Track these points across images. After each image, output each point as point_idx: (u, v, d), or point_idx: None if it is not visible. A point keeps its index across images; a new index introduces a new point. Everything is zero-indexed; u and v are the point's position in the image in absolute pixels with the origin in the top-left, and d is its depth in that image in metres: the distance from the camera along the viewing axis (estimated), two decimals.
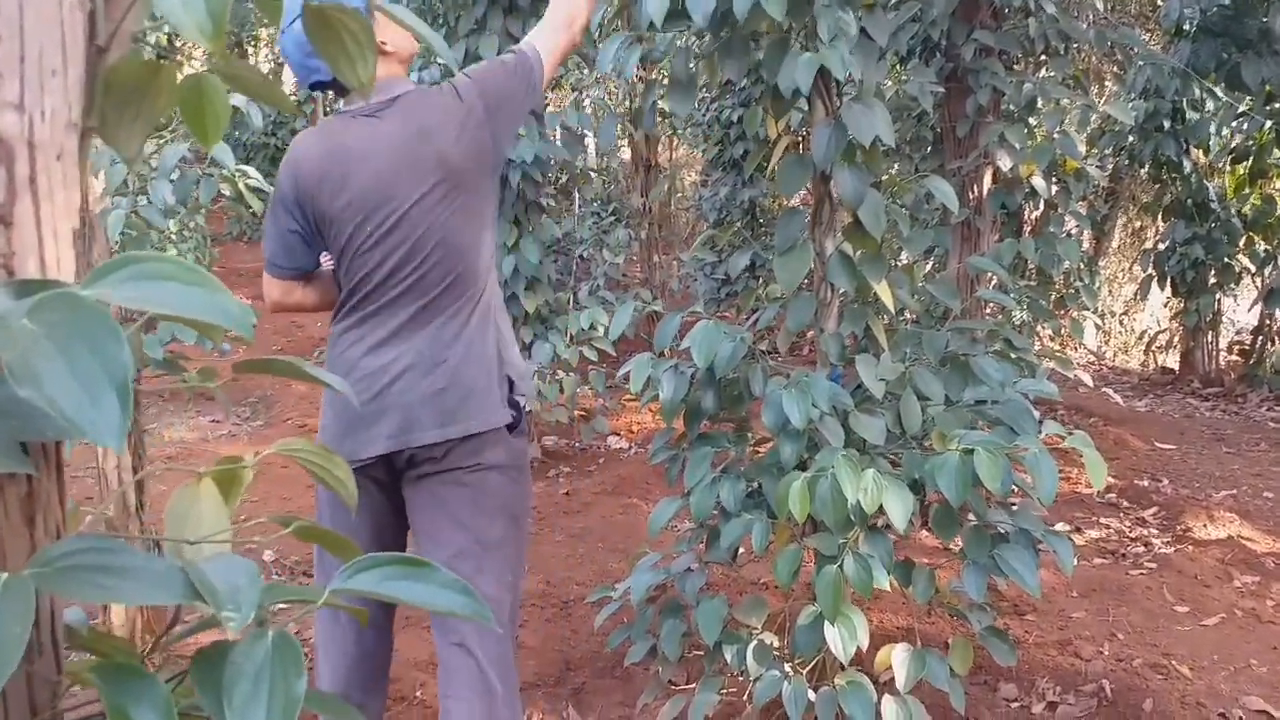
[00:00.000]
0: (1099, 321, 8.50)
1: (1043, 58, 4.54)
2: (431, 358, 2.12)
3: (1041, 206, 5.31)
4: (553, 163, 4.96)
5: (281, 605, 0.92)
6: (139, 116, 0.97)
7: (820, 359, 2.72)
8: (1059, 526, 4.67)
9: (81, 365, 0.72)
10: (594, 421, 5.18)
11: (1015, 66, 4.58)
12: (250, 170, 2.96)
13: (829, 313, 2.70)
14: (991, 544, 2.56)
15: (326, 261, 2.29)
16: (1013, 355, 2.92)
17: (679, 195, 13.93)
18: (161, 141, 2.84)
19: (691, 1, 2.22)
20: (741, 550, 2.54)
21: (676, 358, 2.64)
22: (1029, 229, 6.22)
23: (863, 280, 2.62)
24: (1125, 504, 4.99)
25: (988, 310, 4.29)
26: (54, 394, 0.70)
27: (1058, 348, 7.67)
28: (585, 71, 6.97)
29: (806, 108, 2.61)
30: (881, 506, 2.27)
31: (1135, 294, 7.21)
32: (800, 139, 2.76)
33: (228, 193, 3.00)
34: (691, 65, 2.48)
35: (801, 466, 2.51)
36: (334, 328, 2.23)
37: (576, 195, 7.46)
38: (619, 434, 5.68)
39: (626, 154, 9.38)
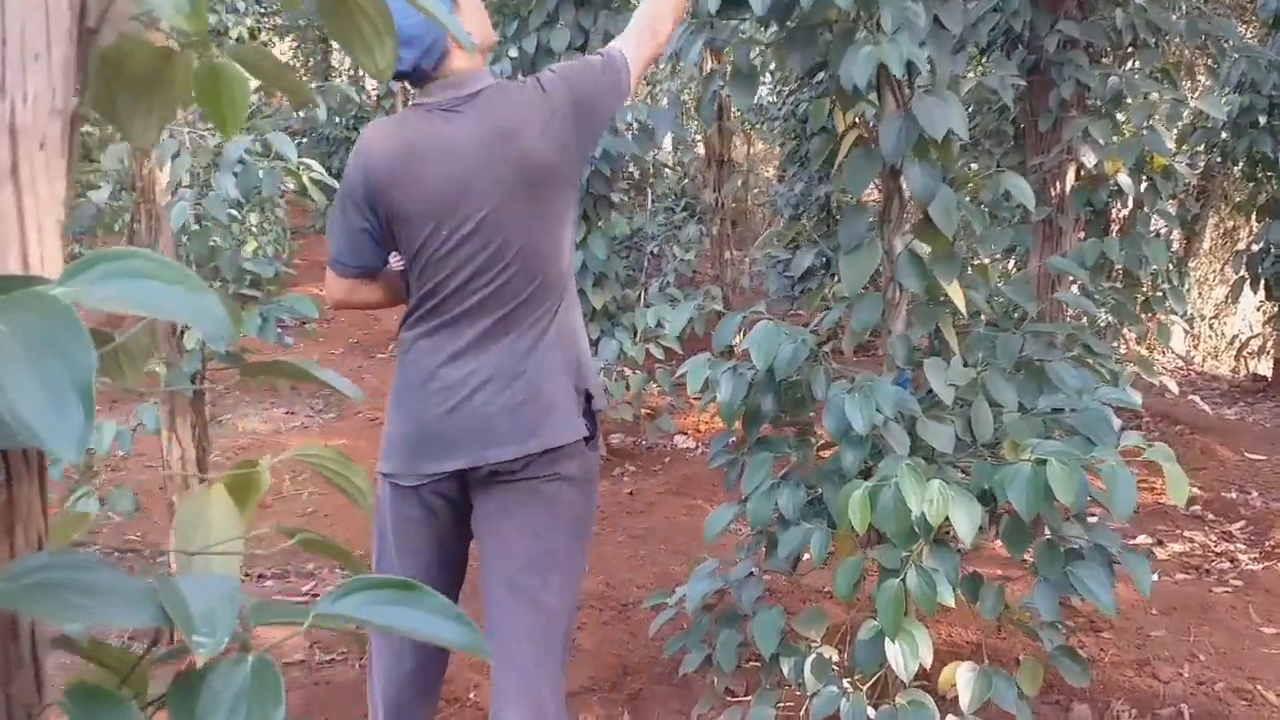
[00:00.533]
0: (1187, 326, 8.20)
1: (1130, 50, 4.35)
2: (511, 370, 2.03)
3: (1129, 205, 5.12)
4: (624, 158, 4.89)
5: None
6: (153, 107, 0.93)
7: (887, 363, 2.62)
8: (1140, 539, 4.49)
9: (47, 370, 0.67)
10: (659, 420, 5.11)
11: (1102, 59, 4.40)
12: (314, 164, 2.95)
13: (897, 314, 2.60)
14: (1065, 560, 2.44)
15: (396, 262, 2.15)
16: (1091, 361, 2.79)
17: (755, 191, 13.81)
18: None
19: None
20: (806, 557, 2.45)
21: (736, 358, 2.56)
22: (1116, 228, 6.01)
23: (933, 280, 2.52)
24: (1211, 517, 4.78)
25: (1069, 314, 4.13)
26: (15, 399, 0.65)
27: (1143, 352, 7.41)
28: (658, 64, 6.90)
29: (876, 100, 2.52)
30: (948, 518, 2.17)
31: (1226, 297, 6.93)
32: (869, 132, 2.66)
33: (292, 186, 2.99)
34: (755, 55, 2.39)
35: (866, 474, 2.42)
36: (406, 334, 2.12)
37: (649, 191, 7.40)
38: (685, 433, 5.60)
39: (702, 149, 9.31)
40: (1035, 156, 4.43)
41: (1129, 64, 4.50)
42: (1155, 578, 4.15)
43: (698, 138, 10.23)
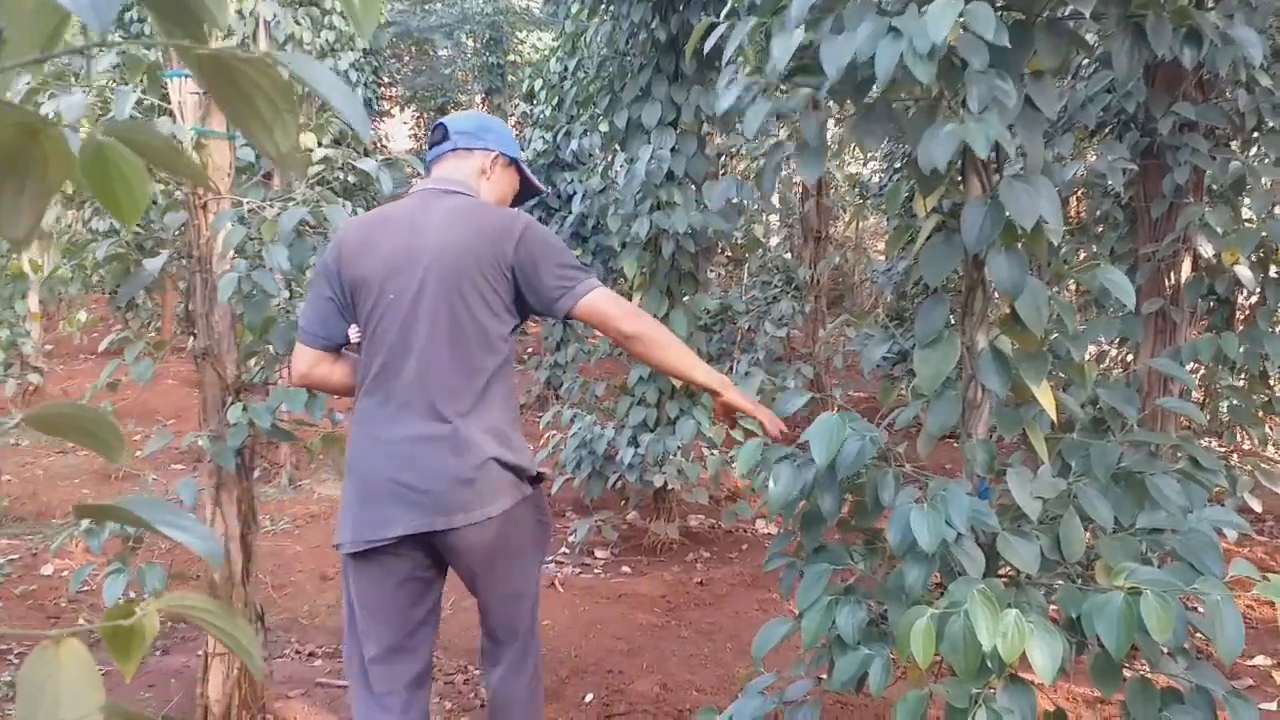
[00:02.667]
0: None
1: (1254, 134, 4.06)
2: (456, 442, 2.20)
3: (1256, 296, 4.77)
4: (709, 232, 4.75)
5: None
6: (23, 190, 0.80)
7: (965, 469, 2.39)
8: (1256, 661, 4.10)
9: None
10: (738, 505, 4.89)
11: (1222, 143, 4.12)
12: None
13: (978, 416, 2.37)
14: (1162, 702, 2.16)
15: (354, 334, 2.34)
16: (1199, 476, 2.51)
17: (861, 267, 13.55)
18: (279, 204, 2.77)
19: (825, 53, 1.97)
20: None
21: (795, 446, 2.37)
22: (1241, 320, 5.63)
23: (1019, 381, 2.29)
24: None
25: (1185, 423, 3.81)
26: None
27: (1267, 456, 6.92)
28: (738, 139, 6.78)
29: (961, 183, 2.33)
30: (1025, 654, 1.93)
31: None
32: (951, 217, 2.46)
33: None
34: (830, 128, 2.23)
35: (939, 592, 2.19)
36: (358, 404, 2.32)
37: (746, 265, 7.23)
38: (766, 517, 5.37)
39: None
40: (1148, 244, 4.15)
41: (1252, 149, 4.21)
42: (1273, 707, 3.76)
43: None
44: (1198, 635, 2.29)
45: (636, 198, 4.73)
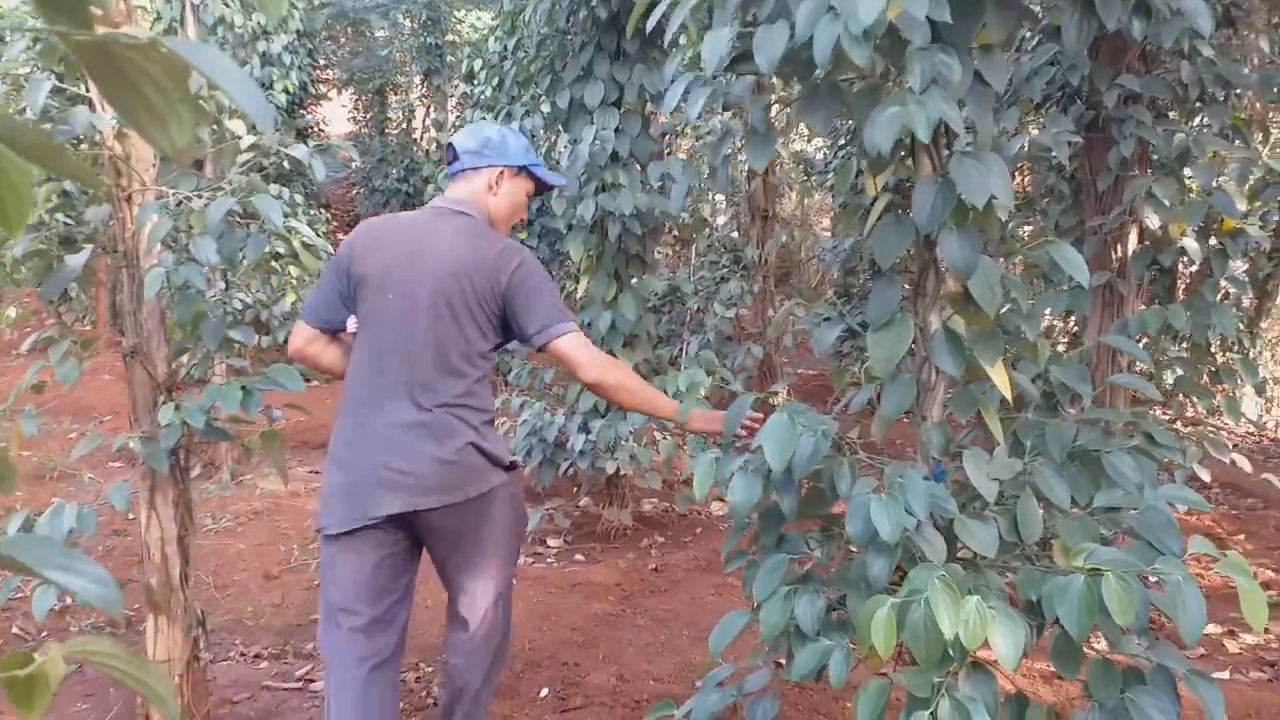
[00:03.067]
0: (1260, 388, 7.77)
1: (1198, 105, 4.06)
2: (437, 429, 2.42)
3: (1197, 267, 4.81)
4: (655, 213, 4.67)
5: None
6: None
7: (921, 452, 2.35)
8: (1208, 629, 4.13)
9: None
10: (692, 489, 4.83)
11: (1166, 115, 4.12)
12: (302, 226, 2.76)
13: (932, 399, 2.33)
14: (1124, 682, 2.14)
15: (352, 324, 2.58)
16: (1154, 452, 2.49)
17: (808, 245, 13.55)
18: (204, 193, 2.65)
19: (758, 43, 1.90)
20: None
21: (746, 454, 2.31)
22: (1182, 291, 5.67)
23: (973, 361, 2.25)
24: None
25: (1135, 397, 3.81)
26: None
27: (1212, 421, 7.00)
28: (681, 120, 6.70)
29: (910, 162, 2.28)
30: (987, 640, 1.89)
31: None
32: (900, 195, 2.41)
33: (281, 250, 2.81)
34: (774, 111, 2.16)
35: (898, 580, 2.15)
36: (348, 394, 2.55)
37: (694, 246, 7.17)
38: (722, 498, 5.32)
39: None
40: (1094, 218, 4.14)
41: (1195, 120, 4.22)
42: (1226, 675, 3.79)
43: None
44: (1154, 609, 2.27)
45: (581, 179, 4.65)
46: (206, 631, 3.06)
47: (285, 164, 8.37)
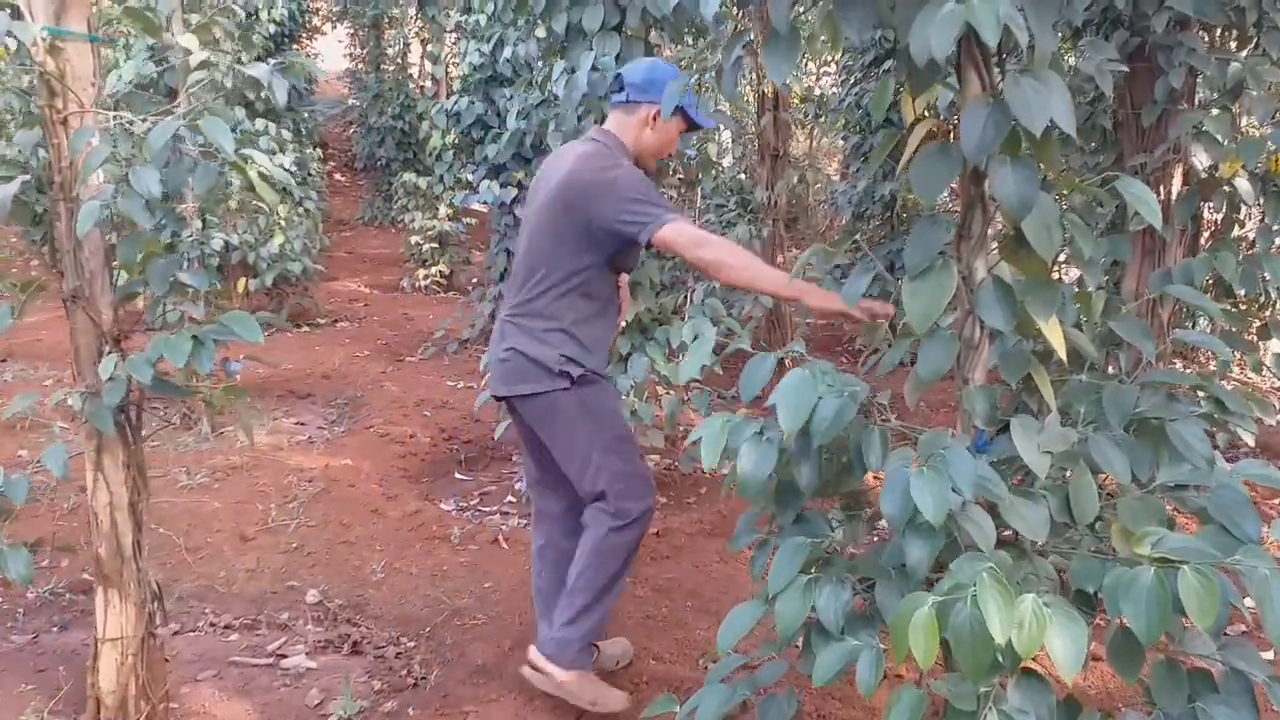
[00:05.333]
0: None
1: (1254, 33, 3.70)
2: (505, 330, 2.83)
3: (1223, 214, 4.46)
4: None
5: None
6: None
7: (961, 420, 2.05)
8: None
9: None
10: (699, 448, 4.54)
11: (1216, 44, 3.76)
12: (258, 155, 2.44)
13: (976, 359, 2.03)
14: (1192, 686, 1.87)
15: None
16: (1224, 419, 2.19)
17: (817, 187, 13.16)
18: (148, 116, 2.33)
19: None
20: None
21: (762, 416, 2.02)
22: (1208, 239, 5.32)
23: (1025, 316, 1.95)
24: None
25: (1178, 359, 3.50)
26: None
27: (1255, 384, 6.68)
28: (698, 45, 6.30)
29: (956, 82, 1.95)
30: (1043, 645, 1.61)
31: None
32: (947, 123, 2.09)
33: (237, 181, 2.49)
34: (799, 12, 1.83)
35: (939, 569, 1.87)
36: None
37: (699, 187, 6.81)
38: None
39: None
40: (1135, 156, 3.80)
41: (1249, 49, 3.86)
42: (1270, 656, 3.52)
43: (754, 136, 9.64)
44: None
45: (579, 111, 4.30)
46: (164, 605, 2.78)
47: (266, 97, 8.01)
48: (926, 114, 2.07)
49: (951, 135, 2.00)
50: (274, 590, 3.59)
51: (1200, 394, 2.20)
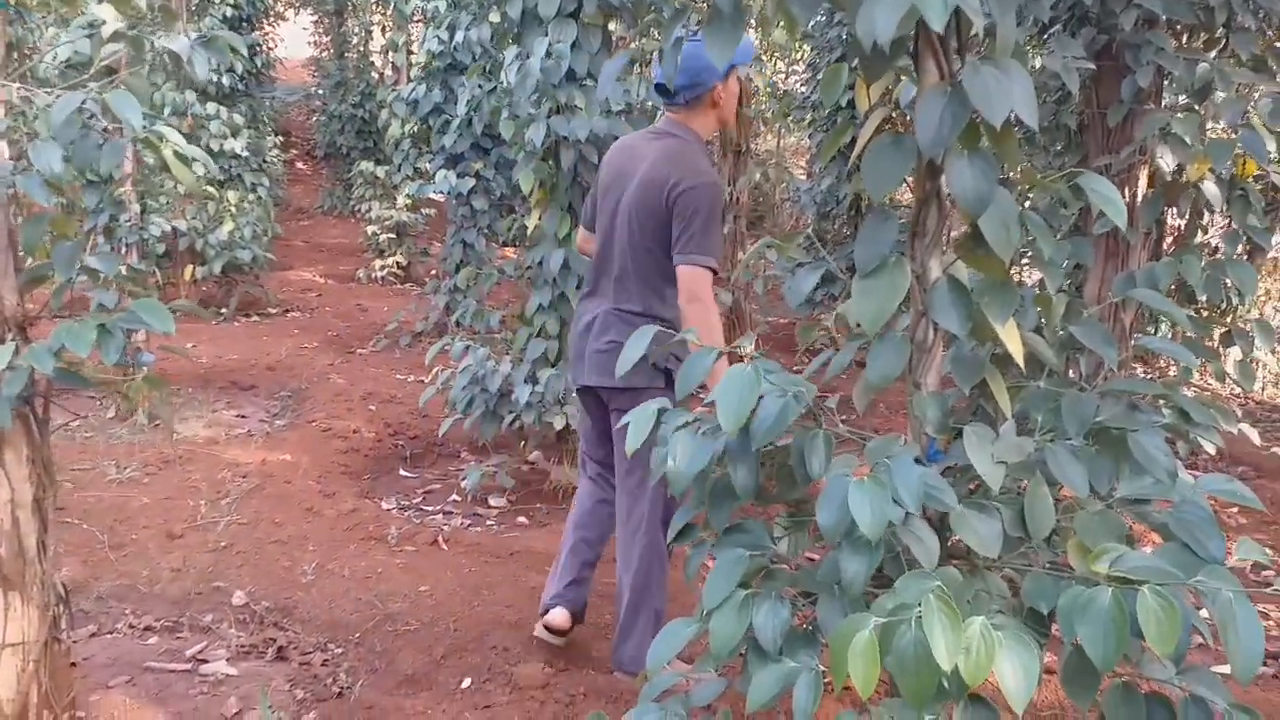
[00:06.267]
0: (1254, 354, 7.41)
1: (1222, 33, 3.62)
2: (608, 321, 2.92)
3: (1186, 220, 4.40)
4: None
5: None
6: None
7: (911, 428, 1.93)
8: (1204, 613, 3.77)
9: None
10: None
11: (1187, 43, 3.68)
12: (171, 132, 2.28)
13: (929, 363, 1.91)
14: (1148, 713, 1.77)
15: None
16: (1190, 432, 2.09)
17: (783, 186, 13.08)
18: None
19: None
20: None
21: (700, 409, 1.89)
22: (1170, 244, 5.26)
23: (981, 319, 1.84)
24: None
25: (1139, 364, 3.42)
26: None
27: (1214, 390, 6.65)
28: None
29: (913, 68, 1.84)
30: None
31: None
32: (901, 114, 1.98)
33: (150, 160, 2.33)
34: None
35: (878, 584, 1.76)
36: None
37: None
38: None
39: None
40: (1101, 157, 3.72)
41: (1217, 50, 3.78)
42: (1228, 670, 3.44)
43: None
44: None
45: (531, 99, 4.16)
46: (70, 607, 2.62)
47: (225, 80, 7.76)
48: (882, 100, 1.96)
49: (904, 126, 1.89)
50: (199, 591, 3.42)
51: (1163, 403, 2.10)
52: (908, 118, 1.98)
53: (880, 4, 1.51)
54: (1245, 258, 4.74)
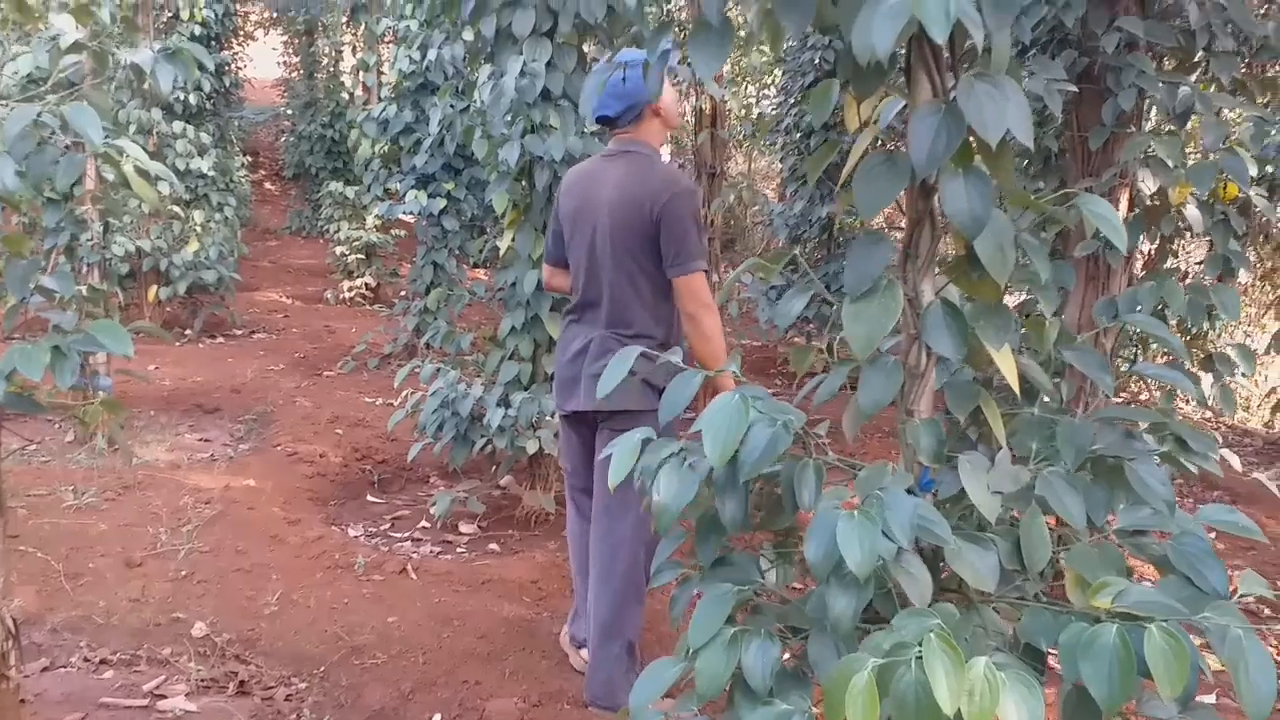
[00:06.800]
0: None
1: (1203, 57, 3.60)
2: (601, 347, 2.88)
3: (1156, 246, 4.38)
4: None
5: None
6: None
7: (904, 457, 1.86)
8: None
9: None
10: None
11: (1162, 66, 3.66)
12: (133, 148, 2.18)
13: (922, 388, 1.85)
14: None
15: None
16: (1186, 460, 2.03)
17: (754, 209, 13.08)
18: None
19: None
20: None
21: (683, 438, 1.82)
22: (1142, 267, 5.25)
23: (975, 342, 1.78)
24: (1268, 613, 4.04)
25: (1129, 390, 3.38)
26: None
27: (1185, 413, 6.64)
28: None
29: (905, 84, 1.79)
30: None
31: (1269, 348, 6.14)
32: (892, 133, 1.92)
33: (110, 176, 2.24)
34: (730, 6, 1.64)
35: (870, 619, 1.69)
36: (566, 309, 3.07)
37: None
38: None
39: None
40: (1081, 180, 3.68)
41: (1198, 74, 3.76)
42: (1213, 700, 3.40)
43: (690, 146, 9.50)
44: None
45: (505, 119, 4.09)
46: (19, 643, 2.49)
47: (192, 99, 7.62)
48: (873, 121, 1.90)
49: (897, 145, 1.83)
50: (158, 622, 3.30)
51: (1158, 430, 2.04)
52: (882, 141, 1.92)
53: (879, 15, 1.45)
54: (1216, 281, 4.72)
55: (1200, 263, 8.11)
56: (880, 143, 1.98)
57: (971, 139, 1.68)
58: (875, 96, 1.86)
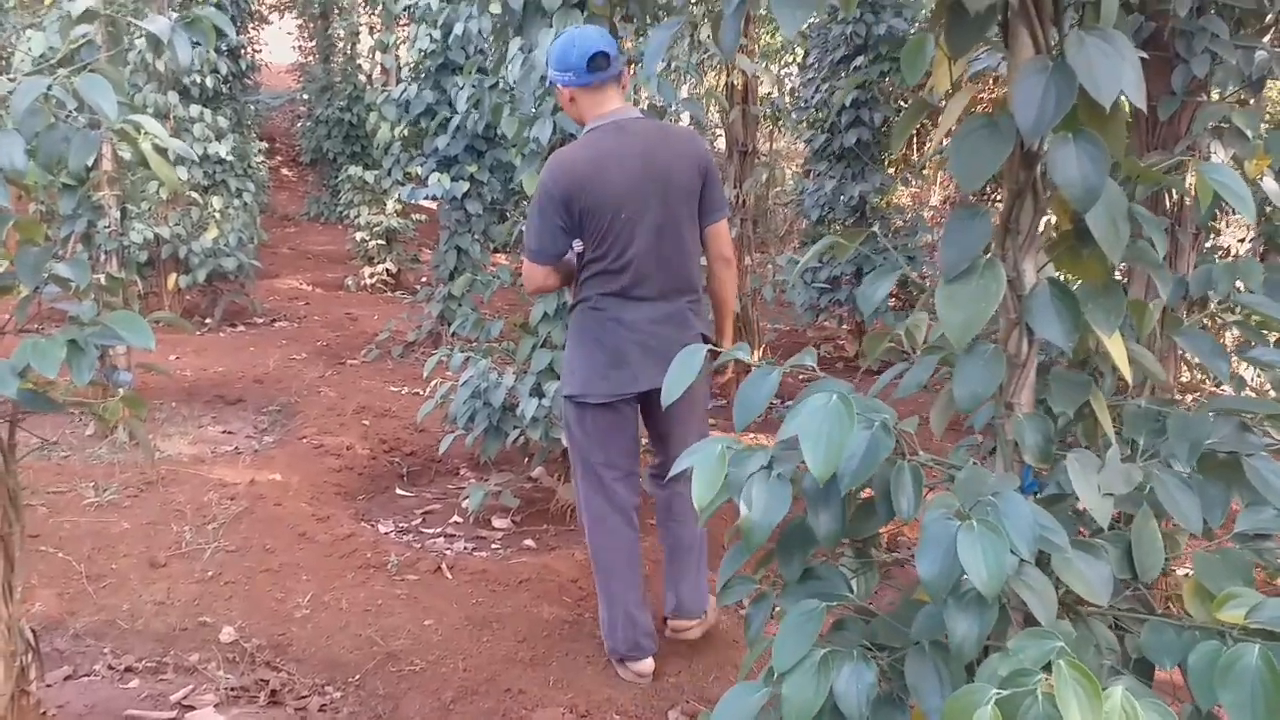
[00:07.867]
0: None
1: (1277, 20, 3.39)
2: (680, 320, 2.87)
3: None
4: None
5: None
6: None
7: (1002, 455, 1.69)
8: None
9: None
10: None
11: (1237, 30, 3.45)
12: (150, 124, 2.02)
13: (1023, 379, 1.68)
14: None
15: (577, 245, 2.87)
16: None
17: (777, 189, 12.85)
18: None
19: None
20: None
21: (767, 444, 1.64)
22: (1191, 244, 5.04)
23: (1085, 329, 1.61)
24: None
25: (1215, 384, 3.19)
26: None
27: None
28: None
29: (1001, 39, 1.61)
30: None
31: None
32: (986, 97, 1.73)
33: (127, 154, 2.07)
34: None
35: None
36: (600, 299, 2.86)
37: None
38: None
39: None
40: (1149, 152, 3.48)
41: (1269, 35, 3.54)
42: None
43: (719, 130, 9.32)
44: None
45: (536, 95, 3.91)
46: (40, 655, 2.35)
47: (209, 82, 7.46)
48: (967, 82, 1.72)
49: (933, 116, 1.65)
50: (184, 626, 3.15)
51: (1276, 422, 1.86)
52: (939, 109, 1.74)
53: None
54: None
55: (1242, 239, 7.86)
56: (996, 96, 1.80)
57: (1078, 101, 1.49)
58: (972, 48, 1.67)
